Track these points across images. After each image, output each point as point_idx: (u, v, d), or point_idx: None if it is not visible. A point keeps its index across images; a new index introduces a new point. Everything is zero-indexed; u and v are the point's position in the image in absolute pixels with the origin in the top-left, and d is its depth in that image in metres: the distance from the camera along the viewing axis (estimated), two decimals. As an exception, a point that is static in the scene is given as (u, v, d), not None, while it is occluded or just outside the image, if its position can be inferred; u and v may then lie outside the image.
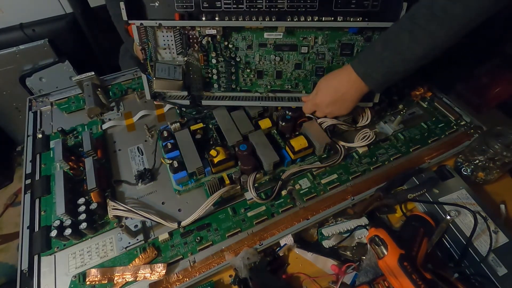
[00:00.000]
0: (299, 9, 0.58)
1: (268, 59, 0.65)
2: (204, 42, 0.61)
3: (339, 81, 0.61)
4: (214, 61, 0.64)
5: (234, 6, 0.58)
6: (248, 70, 0.67)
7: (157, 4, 0.57)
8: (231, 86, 0.68)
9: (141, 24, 0.57)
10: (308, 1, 0.57)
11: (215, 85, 0.68)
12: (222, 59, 0.65)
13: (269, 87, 0.69)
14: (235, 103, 0.69)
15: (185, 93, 0.67)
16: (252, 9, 0.58)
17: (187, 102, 0.68)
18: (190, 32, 0.60)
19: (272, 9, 0.58)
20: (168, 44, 0.63)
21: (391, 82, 0.59)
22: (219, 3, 0.57)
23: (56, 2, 1.21)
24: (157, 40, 0.62)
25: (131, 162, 0.66)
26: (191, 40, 0.61)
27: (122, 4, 0.55)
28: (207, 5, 0.57)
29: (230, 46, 0.63)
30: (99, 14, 1.29)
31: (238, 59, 0.65)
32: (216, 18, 0.58)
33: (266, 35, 0.62)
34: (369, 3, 0.58)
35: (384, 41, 0.55)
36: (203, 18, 0.58)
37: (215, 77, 0.67)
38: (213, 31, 0.59)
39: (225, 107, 0.71)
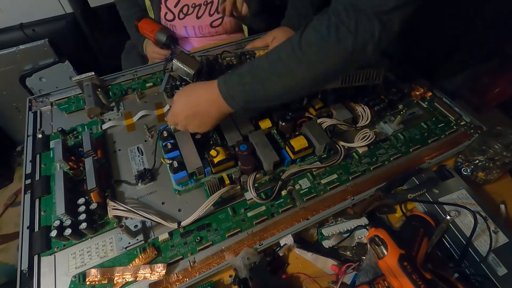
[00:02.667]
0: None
1: None
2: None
3: (199, 97, 0.56)
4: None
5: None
6: None
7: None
8: None
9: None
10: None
11: None
12: None
13: None
14: None
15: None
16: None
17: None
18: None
19: None
20: None
21: (257, 110, 0.58)
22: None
23: (56, 2, 1.20)
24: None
25: (131, 162, 0.66)
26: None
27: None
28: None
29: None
30: (99, 14, 1.29)
31: None
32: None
33: None
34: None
35: (250, 65, 0.52)
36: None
37: None
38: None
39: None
